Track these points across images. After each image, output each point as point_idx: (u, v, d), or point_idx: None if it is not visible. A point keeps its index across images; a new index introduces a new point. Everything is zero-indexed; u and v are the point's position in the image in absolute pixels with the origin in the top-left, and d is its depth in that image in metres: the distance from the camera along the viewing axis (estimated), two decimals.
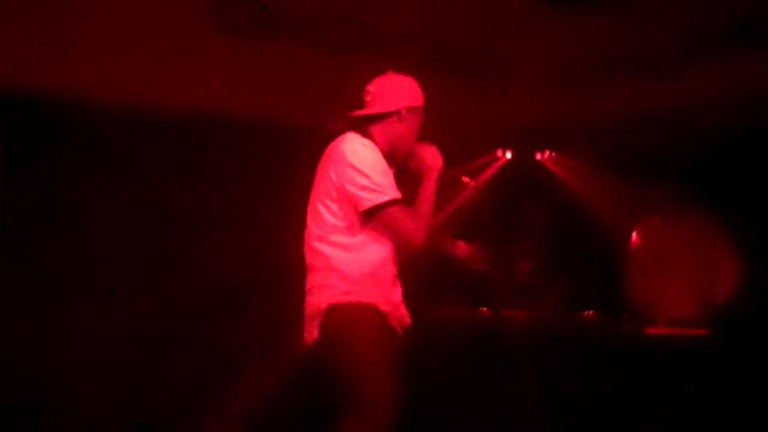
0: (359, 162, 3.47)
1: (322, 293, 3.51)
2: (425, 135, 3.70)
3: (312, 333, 3.52)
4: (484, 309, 6.22)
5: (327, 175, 3.54)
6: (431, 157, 3.63)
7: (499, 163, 7.38)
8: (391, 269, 3.56)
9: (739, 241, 5.81)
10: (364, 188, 3.45)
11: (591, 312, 5.97)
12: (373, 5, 5.83)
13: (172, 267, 5.45)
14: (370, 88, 3.69)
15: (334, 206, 3.51)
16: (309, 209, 3.61)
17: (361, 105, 3.69)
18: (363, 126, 3.63)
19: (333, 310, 3.47)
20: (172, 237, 5.53)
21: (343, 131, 3.64)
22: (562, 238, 6.95)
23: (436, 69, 6.27)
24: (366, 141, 3.55)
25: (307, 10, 5.80)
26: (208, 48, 5.43)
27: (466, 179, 3.77)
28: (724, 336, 5.41)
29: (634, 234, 6.28)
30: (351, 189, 3.46)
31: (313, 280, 3.56)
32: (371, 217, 3.47)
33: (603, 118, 6.45)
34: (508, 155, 7.40)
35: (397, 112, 3.62)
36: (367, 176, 3.45)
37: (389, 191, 3.46)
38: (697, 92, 5.94)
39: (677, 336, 5.53)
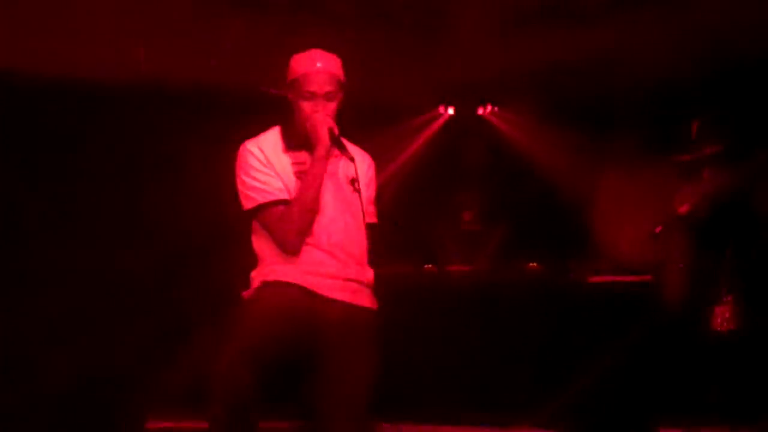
0: (237, 164, 3.48)
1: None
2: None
3: None
4: (429, 266, 6.22)
5: None
6: (317, 133, 3.42)
7: (442, 120, 7.39)
8: (310, 251, 3.45)
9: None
10: (240, 192, 3.48)
11: (535, 263, 5.99)
12: None
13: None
14: None
15: None
16: None
17: None
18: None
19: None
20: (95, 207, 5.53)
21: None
22: (505, 189, 6.98)
23: (372, 27, 6.24)
24: (255, 140, 3.51)
25: None
26: (137, 11, 5.35)
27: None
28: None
29: (597, 182, 6.28)
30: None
31: None
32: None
33: (543, 68, 6.45)
34: (450, 111, 7.40)
35: (286, 95, 3.53)
36: (241, 180, 3.47)
37: (260, 195, 3.43)
38: (636, 37, 5.95)
39: (620, 282, 5.58)
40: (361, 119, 3.76)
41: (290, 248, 3.42)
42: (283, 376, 3.33)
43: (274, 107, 3.63)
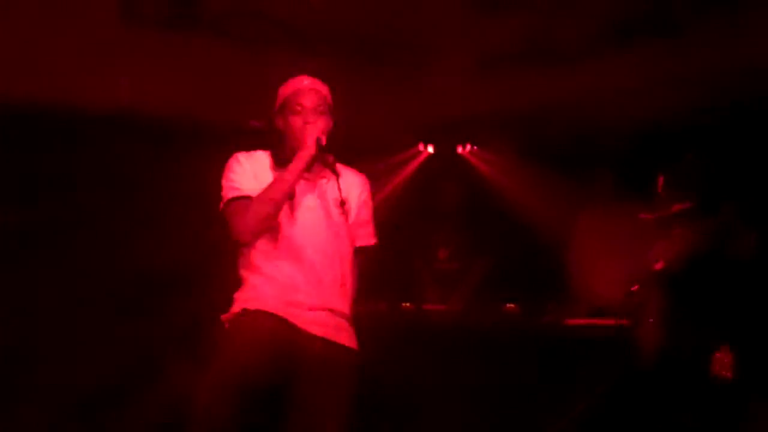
0: (223, 173, 3.50)
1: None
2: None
3: None
4: (407, 304, 6.17)
5: None
6: (303, 139, 3.41)
7: (421, 158, 7.40)
8: (288, 272, 3.41)
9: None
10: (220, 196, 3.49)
11: (512, 305, 5.97)
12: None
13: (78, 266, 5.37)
14: None
15: None
16: None
17: None
18: None
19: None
20: (80, 236, 5.44)
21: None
22: (482, 228, 6.97)
23: (354, 63, 6.27)
24: (246, 153, 3.52)
25: (224, 3, 5.73)
26: (120, 43, 5.33)
27: None
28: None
29: (574, 224, 6.29)
30: None
31: None
32: None
33: (522, 109, 6.49)
34: (430, 149, 7.41)
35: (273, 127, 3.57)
36: (221, 185, 3.48)
37: (229, 192, 3.44)
38: (615, 79, 6.01)
39: (597, 326, 5.56)
40: (341, 155, 3.74)
41: (243, 238, 3.38)
42: (261, 413, 3.27)
43: (258, 139, 3.63)
